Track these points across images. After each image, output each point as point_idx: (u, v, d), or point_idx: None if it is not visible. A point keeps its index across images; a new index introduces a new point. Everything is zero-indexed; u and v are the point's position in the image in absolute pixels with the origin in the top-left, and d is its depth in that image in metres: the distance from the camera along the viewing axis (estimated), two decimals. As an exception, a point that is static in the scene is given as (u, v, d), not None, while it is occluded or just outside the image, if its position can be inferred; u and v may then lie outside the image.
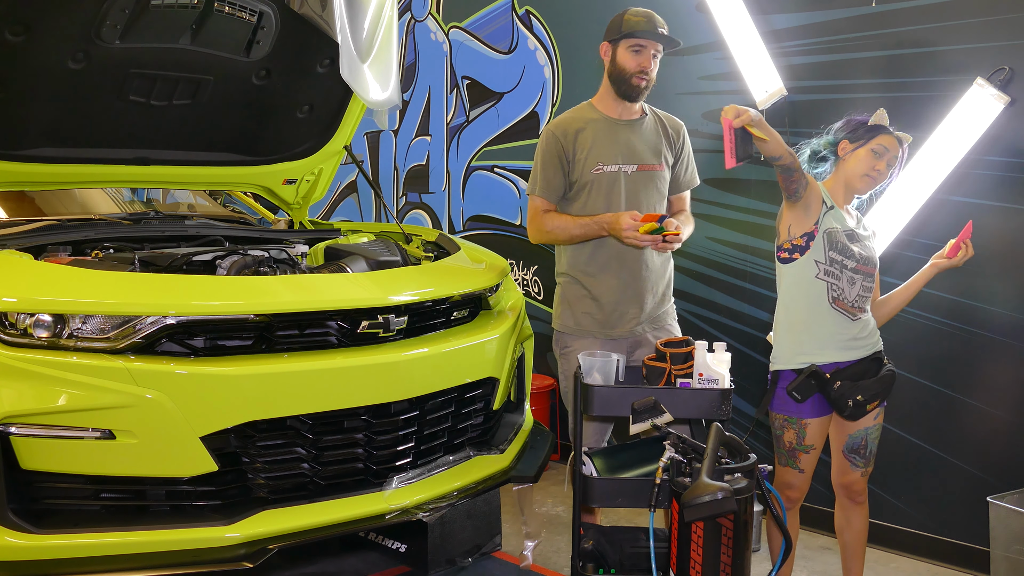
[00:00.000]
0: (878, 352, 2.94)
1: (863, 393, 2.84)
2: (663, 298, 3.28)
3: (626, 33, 3.09)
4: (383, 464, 2.83)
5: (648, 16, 3.11)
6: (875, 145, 2.87)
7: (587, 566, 2.84)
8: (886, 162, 2.88)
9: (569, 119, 3.22)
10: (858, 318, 2.90)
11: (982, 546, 3.41)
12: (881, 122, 2.91)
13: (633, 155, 3.18)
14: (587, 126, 3.18)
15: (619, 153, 3.16)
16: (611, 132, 3.17)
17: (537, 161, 3.22)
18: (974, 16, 3.43)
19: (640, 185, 3.19)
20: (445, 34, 5.48)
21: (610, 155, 3.15)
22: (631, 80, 3.11)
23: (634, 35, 3.08)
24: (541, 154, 3.21)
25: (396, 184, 5.91)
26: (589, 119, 3.20)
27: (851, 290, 2.89)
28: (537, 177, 3.21)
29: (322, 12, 3.28)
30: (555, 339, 3.32)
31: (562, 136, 3.17)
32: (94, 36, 2.95)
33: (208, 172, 3.76)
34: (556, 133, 3.19)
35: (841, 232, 2.89)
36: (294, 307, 2.67)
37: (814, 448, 2.95)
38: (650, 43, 3.09)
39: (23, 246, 2.89)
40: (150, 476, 2.48)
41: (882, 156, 2.87)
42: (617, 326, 3.20)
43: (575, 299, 3.23)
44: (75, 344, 2.43)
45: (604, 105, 3.21)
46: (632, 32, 3.08)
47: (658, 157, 3.24)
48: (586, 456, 2.92)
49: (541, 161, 3.20)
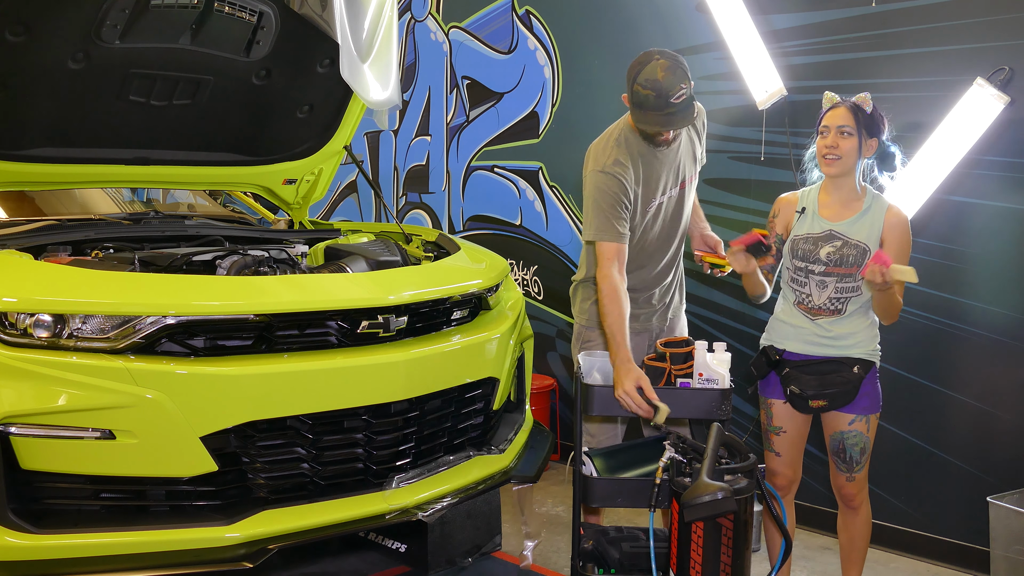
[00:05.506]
0: (854, 358, 2.91)
1: (801, 386, 2.91)
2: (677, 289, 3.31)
3: (634, 104, 2.90)
4: (383, 464, 2.83)
5: (658, 89, 2.81)
6: (820, 127, 2.93)
7: (587, 566, 2.85)
8: (833, 137, 2.88)
9: (619, 154, 3.02)
10: (817, 319, 2.92)
11: (982, 546, 3.41)
12: (825, 104, 2.95)
13: (676, 177, 3.14)
14: (637, 160, 3.05)
15: (667, 182, 3.12)
16: (658, 160, 3.08)
17: (601, 207, 3.00)
18: (974, 16, 3.43)
19: (681, 200, 3.19)
20: (445, 34, 5.48)
21: (660, 186, 3.10)
22: (654, 139, 3.01)
23: (643, 114, 2.89)
24: (607, 201, 2.99)
25: (396, 184, 5.91)
26: (636, 153, 3.05)
27: (821, 294, 2.91)
28: (605, 223, 2.99)
29: (322, 12, 3.28)
30: (577, 335, 3.31)
31: (622, 174, 3.00)
32: (94, 36, 2.95)
33: (208, 172, 3.76)
34: (616, 173, 3.00)
35: (804, 239, 2.95)
36: (294, 307, 2.67)
37: (784, 431, 3.01)
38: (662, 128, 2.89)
39: (23, 246, 2.89)
40: (150, 476, 2.48)
41: (826, 134, 2.90)
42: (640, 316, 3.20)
43: None
44: (75, 344, 2.42)
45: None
46: (640, 108, 2.88)
47: (694, 163, 3.23)
48: (586, 456, 2.92)
49: (607, 207, 2.99)
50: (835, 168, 2.89)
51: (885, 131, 2.93)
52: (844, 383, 2.88)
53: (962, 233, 3.52)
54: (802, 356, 2.97)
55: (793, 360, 2.98)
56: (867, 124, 2.88)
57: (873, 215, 2.90)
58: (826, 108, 2.94)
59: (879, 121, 2.90)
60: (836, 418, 2.94)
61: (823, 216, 2.96)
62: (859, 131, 2.87)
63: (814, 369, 2.93)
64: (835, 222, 2.93)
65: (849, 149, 2.87)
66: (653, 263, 3.20)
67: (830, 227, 2.93)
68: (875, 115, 2.89)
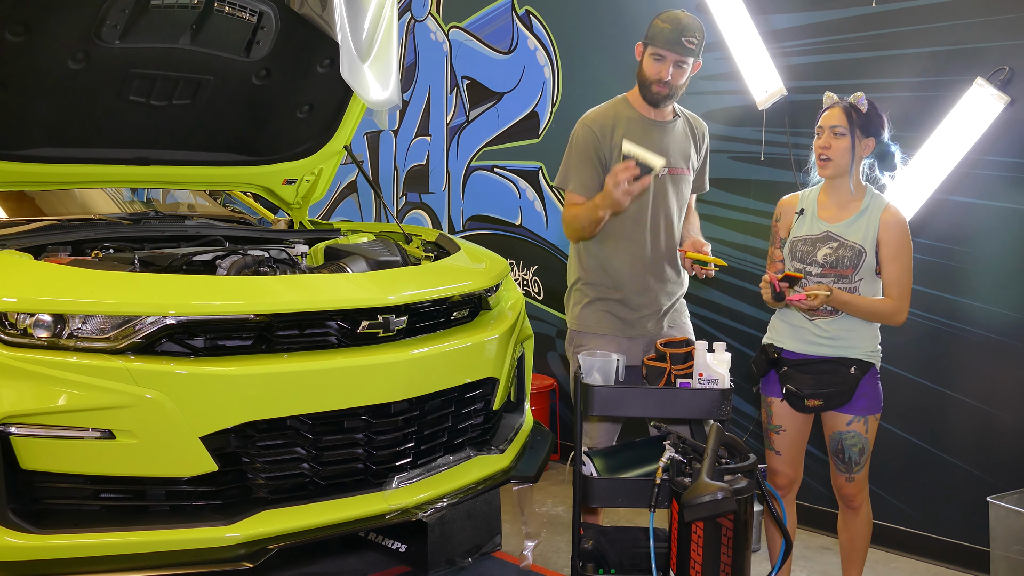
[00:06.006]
0: (852, 359, 2.91)
1: (797, 385, 2.92)
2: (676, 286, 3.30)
3: (650, 39, 3.07)
4: (383, 464, 2.83)
5: (675, 25, 3.02)
6: (816, 128, 2.94)
7: (587, 566, 2.85)
8: (826, 137, 2.89)
9: (605, 114, 3.17)
10: (815, 319, 2.93)
11: (982, 546, 3.41)
12: (824, 103, 2.96)
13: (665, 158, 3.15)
14: (623, 124, 3.13)
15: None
16: (645, 133, 3.14)
17: (571, 156, 3.17)
18: (974, 16, 3.43)
19: (668, 188, 3.19)
20: (445, 34, 5.48)
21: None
22: (651, 87, 3.09)
23: (653, 43, 3.05)
24: (576, 149, 3.15)
25: (396, 184, 5.91)
26: (625, 116, 3.16)
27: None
28: (570, 172, 3.17)
29: (322, 12, 3.28)
30: (569, 339, 3.31)
31: (599, 132, 3.13)
32: (94, 36, 2.95)
33: (208, 172, 3.76)
34: (593, 129, 3.14)
35: (803, 240, 2.95)
36: (294, 307, 2.67)
37: (784, 430, 3.01)
38: (669, 54, 3.04)
39: (23, 246, 2.89)
40: (150, 476, 2.48)
41: (821, 135, 2.92)
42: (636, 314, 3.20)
43: (593, 297, 3.23)
44: (75, 344, 2.42)
45: (638, 103, 3.18)
46: (652, 40, 3.06)
47: (686, 161, 3.24)
48: (586, 456, 2.92)
49: (576, 157, 3.15)
50: (828, 169, 2.90)
51: (884, 131, 2.92)
52: (840, 383, 2.88)
53: (962, 233, 3.52)
54: (800, 355, 2.97)
55: (791, 359, 2.98)
56: (861, 124, 2.87)
57: (870, 216, 2.89)
58: (823, 108, 2.95)
59: (875, 120, 2.89)
60: (834, 418, 2.94)
61: (821, 217, 2.96)
62: (852, 131, 2.86)
63: (811, 368, 2.93)
64: (832, 223, 2.93)
65: (842, 150, 2.87)
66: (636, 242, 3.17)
67: (827, 228, 2.93)
68: (870, 114, 2.88)
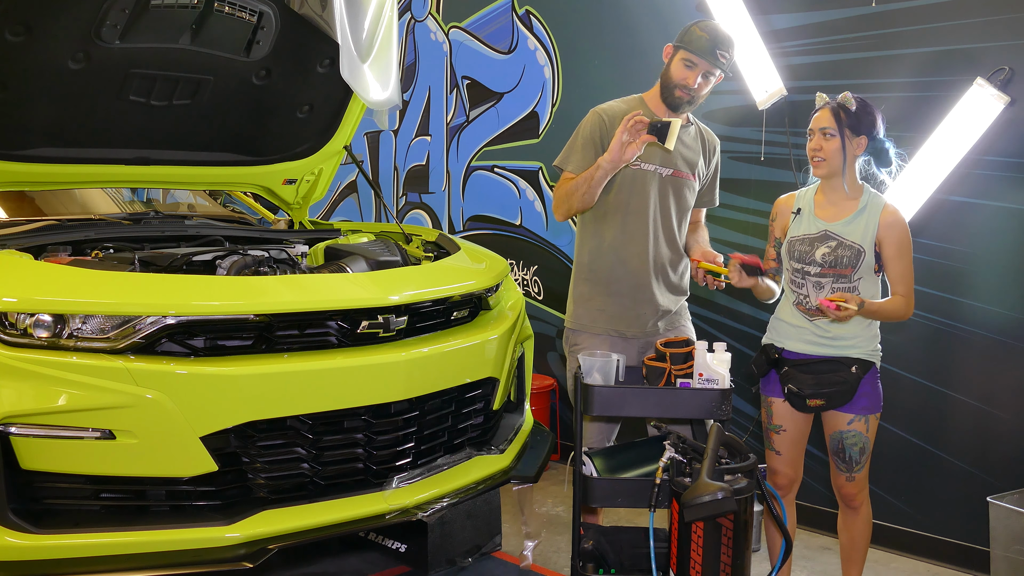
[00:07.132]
0: (852, 358, 2.92)
1: (798, 384, 2.92)
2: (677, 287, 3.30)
3: (684, 43, 3.09)
4: (383, 464, 2.83)
5: (712, 35, 3.08)
6: (807, 130, 2.96)
7: (587, 566, 2.85)
8: (816, 139, 2.91)
9: (618, 108, 3.19)
10: (815, 319, 2.93)
11: (982, 546, 3.41)
12: (816, 105, 2.97)
13: (670, 159, 3.18)
14: None
15: (657, 154, 3.15)
16: None
17: (576, 138, 3.20)
18: (974, 16, 3.43)
19: (670, 190, 3.20)
20: (445, 34, 5.48)
21: (649, 153, 3.14)
22: (674, 91, 3.12)
23: (688, 48, 3.08)
24: (582, 133, 3.18)
25: (396, 184, 5.91)
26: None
27: (818, 295, 2.91)
28: (571, 153, 3.19)
29: (322, 12, 3.28)
30: (565, 338, 3.32)
31: (609, 121, 3.15)
32: (94, 36, 2.95)
33: (208, 172, 3.76)
34: (604, 117, 3.16)
35: (801, 240, 2.96)
36: (294, 307, 2.67)
37: (784, 430, 3.02)
38: (701, 63, 3.07)
39: (23, 246, 2.88)
40: (150, 476, 2.48)
41: (812, 135, 2.94)
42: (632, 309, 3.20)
43: (589, 296, 3.24)
44: (75, 344, 2.42)
45: (654, 103, 3.21)
46: (687, 45, 3.08)
47: (693, 168, 3.25)
48: (586, 456, 2.92)
49: (580, 139, 3.18)
50: (822, 169, 2.92)
51: (877, 127, 2.90)
52: (841, 383, 2.88)
53: (962, 233, 3.52)
54: (801, 355, 2.97)
55: (792, 359, 2.98)
56: (851, 123, 2.87)
57: (868, 215, 2.89)
58: (814, 110, 2.95)
59: (864, 119, 2.88)
60: (835, 418, 2.94)
61: (819, 216, 2.96)
62: (841, 131, 2.87)
63: (812, 368, 2.93)
64: (830, 222, 2.93)
65: (833, 150, 2.88)
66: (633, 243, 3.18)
67: (825, 227, 2.93)
68: (859, 113, 2.88)
